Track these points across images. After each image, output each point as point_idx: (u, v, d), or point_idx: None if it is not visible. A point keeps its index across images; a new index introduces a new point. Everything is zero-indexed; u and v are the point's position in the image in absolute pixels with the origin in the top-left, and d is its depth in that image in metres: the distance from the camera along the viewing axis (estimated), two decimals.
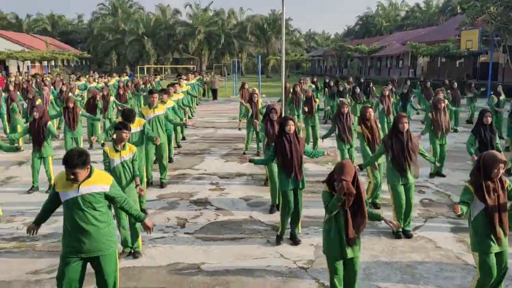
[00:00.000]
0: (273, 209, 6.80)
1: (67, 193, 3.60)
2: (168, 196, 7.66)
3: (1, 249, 5.50)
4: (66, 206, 3.65)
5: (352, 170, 3.70)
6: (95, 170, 3.70)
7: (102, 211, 3.71)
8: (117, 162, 5.22)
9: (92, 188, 3.62)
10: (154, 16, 62.17)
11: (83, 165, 3.53)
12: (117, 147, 5.23)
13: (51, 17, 70.52)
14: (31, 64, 45.61)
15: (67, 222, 3.67)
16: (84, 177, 3.60)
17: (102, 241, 3.69)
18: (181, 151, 11.34)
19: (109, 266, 3.78)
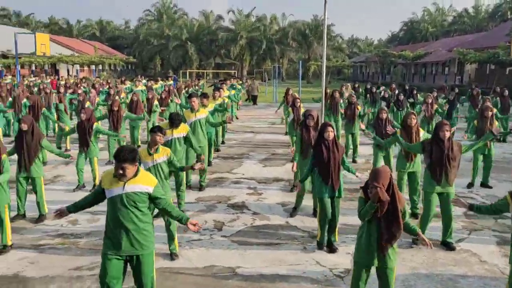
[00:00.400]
0: (293, 213, 6.83)
1: (113, 190, 3.72)
2: (206, 199, 7.74)
3: (45, 245, 5.73)
4: (110, 203, 3.76)
5: (387, 176, 3.60)
6: (141, 170, 3.82)
7: (143, 211, 3.80)
8: (149, 165, 5.31)
9: (136, 187, 3.71)
10: (197, 22, 63.34)
11: (132, 161, 3.64)
12: (150, 150, 5.33)
13: (100, 23, 73.32)
14: (80, 68, 47.57)
15: (109, 219, 3.79)
16: (132, 175, 3.70)
17: (141, 241, 3.77)
18: (220, 155, 11.46)
19: (146, 267, 3.85)
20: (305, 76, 53.22)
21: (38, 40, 30.21)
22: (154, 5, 66.20)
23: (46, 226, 6.38)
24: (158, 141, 5.33)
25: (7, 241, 5.50)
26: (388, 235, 3.68)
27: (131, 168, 3.67)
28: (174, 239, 5.39)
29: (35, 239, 5.90)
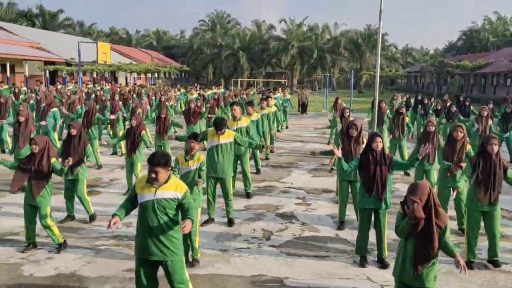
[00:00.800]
0: (341, 226, 6.69)
1: (144, 195, 3.82)
2: (254, 207, 7.77)
3: (101, 245, 5.96)
4: (141, 208, 3.85)
5: (425, 192, 3.45)
6: (172, 177, 3.90)
7: (173, 218, 3.85)
8: (185, 171, 5.48)
9: (167, 193, 3.80)
10: (249, 31, 64.12)
11: (165, 166, 3.73)
12: (187, 156, 5.48)
13: (157, 33, 76.03)
14: (137, 76, 49.48)
15: (139, 223, 3.87)
16: (164, 180, 3.78)
17: (170, 247, 3.84)
18: (269, 163, 11.47)
19: (177, 273, 3.91)
20: (356, 85, 52.38)
21: (99, 49, 31.76)
22: (208, 16, 67.88)
23: (102, 227, 6.63)
24: (192, 148, 5.46)
25: (58, 239, 5.75)
26: (422, 254, 3.52)
27: (164, 173, 3.75)
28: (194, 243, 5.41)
29: (92, 240, 6.15)
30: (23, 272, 5.13)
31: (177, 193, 3.83)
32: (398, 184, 9.16)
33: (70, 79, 34.60)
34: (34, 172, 5.53)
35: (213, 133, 6.72)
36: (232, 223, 6.78)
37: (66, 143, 6.79)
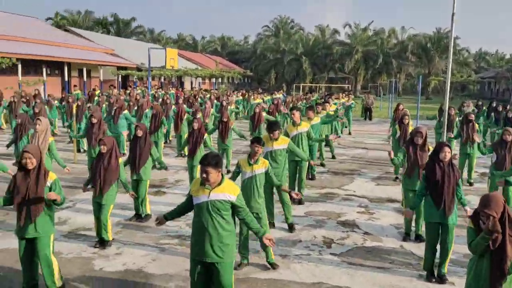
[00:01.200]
0: (407, 237, 6.45)
1: (199, 197, 3.88)
2: (315, 213, 7.69)
3: (166, 244, 6.17)
4: (196, 210, 3.93)
5: (500, 204, 3.22)
6: (225, 179, 3.94)
7: (227, 220, 3.91)
8: (248, 175, 5.38)
9: (220, 195, 3.85)
10: (313, 36, 63.82)
11: (215, 166, 3.78)
12: (250, 161, 5.41)
13: (221, 39, 77.82)
14: (201, 81, 50.91)
15: (194, 225, 3.96)
16: (216, 181, 3.83)
17: (223, 249, 3.87)
18: (331, 169, 11.31)
19: (225, 275, 3.92)
20: (424, 91, 50.32)
21: (168, 55, 33.03)
22: (272, 21, 68.42)
23: (168, 226, 6.84)
24: (256, 152, 5.37)
25: (109, 237, 6.00)
26: (499, 271, 3.27)
27: (214, 173, 3.79)
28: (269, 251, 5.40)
29: (157, 238, 6.39)
30: (94, 266, 5.43)
31: (231, 195, 3.88)
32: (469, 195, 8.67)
33: (140, 84, 36.29)
34: (102, 171, 5.83)
35: (267, 138, 6.69)
36: (293, 229, 6.75)
37: (133, 144, 7.11)
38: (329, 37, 61.96)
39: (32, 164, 4.37)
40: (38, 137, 7.44)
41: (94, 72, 34.15)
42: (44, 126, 7.49)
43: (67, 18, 53.99)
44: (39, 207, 4.39)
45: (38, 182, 4.37)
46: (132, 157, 7.05)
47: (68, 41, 33.55)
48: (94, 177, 5.90)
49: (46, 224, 4.48)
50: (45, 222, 4.47)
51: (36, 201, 4.37)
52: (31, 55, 25.57)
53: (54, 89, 27.19)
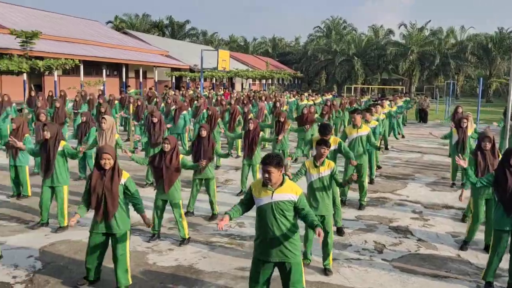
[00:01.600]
0: (464, 246, 6.15)
1: (262, 199, 3.88)
2: (366, 218, 7.53)
3: (216, 242, 6.27)
4: (259, 211, 3.92)
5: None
6: (287, 180, 3.92)
7: (291, 220, 3.89)
8: (314, 177, 5.32)
9: (283, 196, 3.84)
10: (366, 37, 62.61)
11: (277, 166, 3.76)
12: (316, 163, 5.35)
13: (272, 40, 78.10)
14: (252, 82, 51.32)
15: (258, 226, 3.95)
16: (277, 181, 3.83)
17: (289, 248, 3.87)
18: (383, 173, 11.03)
19: (296, 275, 3.93)
20: (484, 94, 47.88)
21: (220, 56, 33.58)
22: (324, 22, 67.84)
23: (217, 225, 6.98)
24: (322, 154, 5.29)
25: (185, 234, 6.19)
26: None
27: (275, 173, 3.77)
28: (329, 255, 5.36)
29: (208, 236, 6.51)
30: (147, 260, 5.62)
31: (293, 195, 3.87)
32: None
33: (192, 85, 37.15)
34: (165, 169, 6.01)
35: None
36: (342, 232, 6.65)
37: (196, 144, 7.23)
38: (383, 38, 60.55)
39: (110, 164, 4.63)
40: (105, 134, 7.86)
41: (149, 73, 35.34)
42: (109, 124, 7.93)
43: (126, 21, 56.33)
44: (114, 205, 4.62)
45: (113, 181, 4.61)
46: (196, 157, 7.15)
47: (126, 43, 34.96)
48: (157, 175, 6.09)
49: (123, 220, 4.72)
50: (122, 219, 4.71)
51: (112, 199, 4.60)
52: (93, 57, 26.87)
53: (112, 90, 28.43)
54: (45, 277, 5.04)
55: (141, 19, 58.56)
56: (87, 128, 8.98)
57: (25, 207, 7.58)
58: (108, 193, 4.58)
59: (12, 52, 19.67)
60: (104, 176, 4.61)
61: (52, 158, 6.40)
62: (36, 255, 5.63)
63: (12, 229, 6.51)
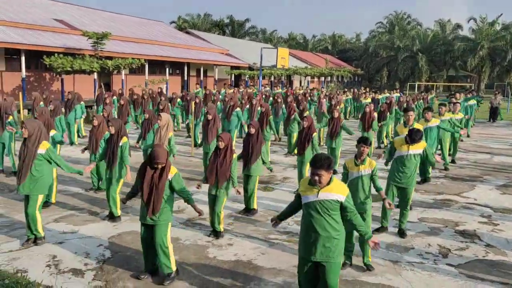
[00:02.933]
0: None
1: (308, 196, 3.89)
2: (430, 220, 7.25)
3: (274, 239, 6.32)
4: (305, 209, 3.94)
5: None
6: (334, 179, 3.90)
7: (336, 220, 3.88)
8: (355, 175, 5.33)
9: (329, 195, 3.82)
10: (431, 32, 59.99)
11: (328, 168, 3.76)
12: (356, 161, 5.35)
13: (332, 37, 76.99)
14: (310, 80, 50.94)
15: (303, 224, 3.97)
16: (326, 182, 3.81)
17: (331, 248, 3.85)
18: (448, 174, 10.55)
19: (332, 276, 3.89)
20: None
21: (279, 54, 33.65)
22: (387, 17, 65.84)
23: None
24: (362, 152, 5.30)
25: (220, 227, 6.32)
26: None
27: (326, 175, 3.77)
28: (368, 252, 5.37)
29: (266, 233, 6.57)
30: (208, 254, 5.77)
31: (340, 195, 3.85)
32: None
33: (251, 82, 37.50)
34: (219, 165, 6.16)
35: (402, 142, 6.47)
36: (404, 234, 6.46)
37: (245, 141, 7.36)
38: (450, 33, 57.75)
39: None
40: (160, 131, 8.23)
41: (210, 72, 36.14)
42: (164, 121, 8.27)
43: (188, 21, 57.95)
44: (160, 199, 4.81)
45: (161, 177, 4.82)
46: (244, 153, 7.31)
47: (188, 42, 35.96)
48: (210, 171, 6.25)
49: (165, 213, 4.90)
50: (165, 211, 4.88)
51: (157, 196, 4.80)
52: (157, 56, 27.92)
53: (175, 88, 29.41)
54: (113, 265, 5.33)
55: (202, 19, 59.98)
56: (150, 125, 9.34)
57: (97, 199, 8.05)
58: (155, 190, 4.79)
59: (84, 53, 20.91)
60: (154, 173, 4.82)
61: (115, 152, 6.74)
62: (105, 245, 5.97)
63: (84, 219, 6.95)
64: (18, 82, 20.79)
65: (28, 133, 5.67)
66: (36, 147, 5.69)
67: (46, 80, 23.13)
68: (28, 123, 5.73)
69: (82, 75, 20.27)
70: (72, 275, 5.05)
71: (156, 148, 4.78)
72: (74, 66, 18.55)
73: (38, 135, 5.73)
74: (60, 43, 21.84)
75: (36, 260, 5.42)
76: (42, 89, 22.24)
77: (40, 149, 5.72)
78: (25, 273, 5.00)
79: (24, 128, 5.69)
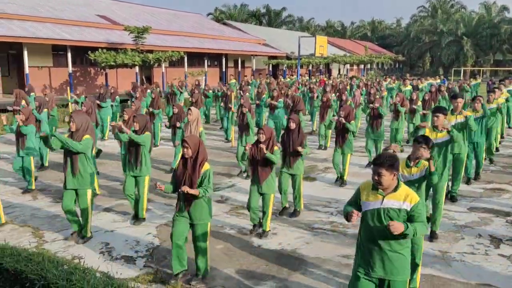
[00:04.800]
0: None
1: (370, 203, 3.43)
2: (480, 210, 7.02)
3: (318, 229, 6.31)
4: (365, 217, 3.47)
5: None
6: (402, 185, 3.43)
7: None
8: (406, 179, 4.59)
9: (396, 203, 3.35)
10: (476, 15, 57.46)
11: (390, 168, 3.31)
12: (410, 162, 4.67)
13: (371, 23, 75.20)
14: (349, 68, 50.07)
15: (363, 233, 3.52)
16: (390, 186, 3.37)
17: (395, 264, 3.37)
18: (498, 163, 10.15)
19: None
20: None
21: (317, 43, 33.23)
22: (429, 1, 63.53)
23: (319, 212, 7.03)
24: (419, 155, 4.58)
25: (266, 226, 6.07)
26: None
27: (388, 176, 3.32)
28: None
29: (310, 222, 6.57)
30: (252, 243, 5.85)
31: (407, 203, 3.35)
32: None
33: (289, 72, 37.29)
34: (260, 160, 5.93)
35: (430, 130, 6.00)
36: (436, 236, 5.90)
37: (285, 136, 6.82)
38: (496, 15, 55.08)
39: (188, 154, 4.54)
40: (190, 126, 8.08)
41: (247, 62, 36.20)
42: (194, 116, 8.03)
43: (225, 12, 58.17)
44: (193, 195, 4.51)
45: (194, 171, 4.58)
46: (284, 150, 6.74)
47: (225, 33, 36.15)
48: (252, 164, 6.05)
49: (201, 212, 4.64)
50: (200, 210, 4.62)
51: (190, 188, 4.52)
52: (196, 48, 28.25)
53: (213, 80, 29.68)
54: (162, 253, 5.51)
55: (239, 9, 60.02)
56: (179, 119, 9.21)
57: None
58: (187, 183, 4.55)
59: (126, 47, 21.45)
60: (187, 166, 4.61)
61: (138, 149, 6.40)
62: (154, 233, 6.17)
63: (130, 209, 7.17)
64: (65, 77, 21.63)
65: (75, 126, 5.67)
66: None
67: (91, 74, 23.94)
68: (76, 117, 5.69)
69: (125, 69, 20.81)
70: (125, 262, 5.26)
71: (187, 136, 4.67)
72: (117, 60, 19.07)
73: (85, 128, 5.73)
74: (103, 39, 22.49)
75: (90, 247, 5.68)
76: (88, 83, 23.05)
77: None
78: (81, 259, 5.26)
79: (72, 121, 5.67)
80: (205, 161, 4.62)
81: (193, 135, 4.84)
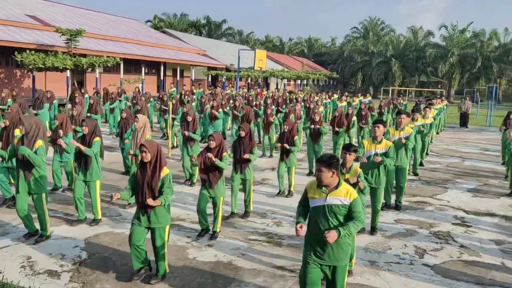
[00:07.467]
0: None
1: (315, 200, 3.86)
2: (405, 221, 7.40)
3: (254, 240, 6.31)
4: (312, 212, 3.91)
5: None
6: (343, 183, 3.85)
7: (344, 223, 3.80)
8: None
9: (337, 200, 3.77)
10: (404, 38, 61.30)
11: (328, 166, 3.71)
12: (343, 170, 5.30)
13: (308, 41, 77.69)
14: (287, 82, 51.25)
15: (310, 227, 3.92)
16: (330, 184, 3.77)
17: (339, 252, 3.83)
18: (422, 177, 10.80)
19: (340, 278, 3.92)
20: None
21: (257, 56, 33.64)
22: (361, 23, 66.92)
23: (255, 223, 7.04)
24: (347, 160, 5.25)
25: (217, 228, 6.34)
26: None
27: (327, 173, 3.72)
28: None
29: (246, 234, 6.56)
30: (188, 254, 5.72)
31: (347, 199, 3.78)
32: None
33: (228, 84, 37.42)
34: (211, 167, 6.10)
35: (369, 142, 6.62)
36: (375, 232, 6.70)
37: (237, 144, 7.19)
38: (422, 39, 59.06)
39: (147, 158, 4.64)
40: (137, 134, 7.88)
41: (186, 72, 35.87)
42: (141, 123, 7.84)
43: (165, 20, 57.37)
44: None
45: (153, 175, 4.65)
46: (235, 157, 7.12)
47: (163, 42, 35.61)
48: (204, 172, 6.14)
49: (160, 215, 4.76)
50: (159, 214, 4.75)
51: (151, 194, 4.65)
52: (133, 55, 27.53)
53: (150, 88, 29.05)
54: (90, 267, 5.22)
55: (179, 19, 59.50)
56: (127, 125, 9.15)
57: (70, 198, 7.86)
58: (147, 187, 4.63)
59: (57, 50, 20.42)
60: (146, 171, 4.66)
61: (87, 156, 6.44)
62: (81, 246, 5.83)
63: (58, 220, 6.77)
64: None
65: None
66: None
67: (17, 77, 22.49)
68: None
69: (55, 72, 19.79)
70: (48, 277, 4.92)
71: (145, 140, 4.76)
72: (46, 63, 18.09)
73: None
74: (33, 39, 21.27)
75: (10, 261, 5.25)
76: (13, 86, 21.61)
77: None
78: (0, 273, 4.84)
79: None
80: (164, 165, 4.74)
81: (151, 140, 4.88)
